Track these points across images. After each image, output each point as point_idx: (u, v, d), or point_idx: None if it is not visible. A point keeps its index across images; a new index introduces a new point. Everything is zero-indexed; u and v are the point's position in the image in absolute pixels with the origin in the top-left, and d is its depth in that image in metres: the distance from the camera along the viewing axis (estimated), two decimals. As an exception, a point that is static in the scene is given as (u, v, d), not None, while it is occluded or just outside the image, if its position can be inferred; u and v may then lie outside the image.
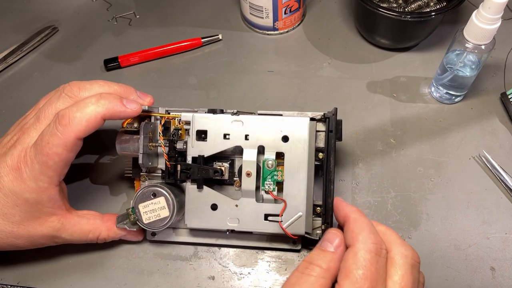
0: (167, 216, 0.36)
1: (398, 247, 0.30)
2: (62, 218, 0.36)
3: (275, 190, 0.37)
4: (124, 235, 0.39)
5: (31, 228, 0.35)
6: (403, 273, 0.29)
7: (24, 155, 0.34)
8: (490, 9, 0.38)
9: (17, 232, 0.35)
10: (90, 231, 0.37)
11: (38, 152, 0.33)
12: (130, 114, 0.36)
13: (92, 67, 0.54)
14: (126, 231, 0.39)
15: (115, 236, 0.39)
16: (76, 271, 0.39)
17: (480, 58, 0.43)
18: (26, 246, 0.36)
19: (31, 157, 0.34)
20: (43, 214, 0.35)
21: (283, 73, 0.53)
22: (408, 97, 0.49)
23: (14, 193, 0.34)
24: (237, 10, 0.59)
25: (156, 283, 0.39)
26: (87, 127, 0.34)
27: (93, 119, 0.34)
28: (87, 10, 0.60)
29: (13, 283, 0.39)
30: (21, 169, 0.34)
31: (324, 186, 0.37)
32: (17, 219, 0.35)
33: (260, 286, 0.38)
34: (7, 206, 0.34)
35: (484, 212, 0.41)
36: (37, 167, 0.34)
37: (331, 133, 0.37)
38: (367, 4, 0.47)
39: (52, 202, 0.35)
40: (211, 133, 0.38)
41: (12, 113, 0.50)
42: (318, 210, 0.38)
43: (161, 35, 0.56)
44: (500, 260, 0.39)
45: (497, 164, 0.43)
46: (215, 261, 0.40)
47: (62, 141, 0.33)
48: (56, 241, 0.37)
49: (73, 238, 0.37)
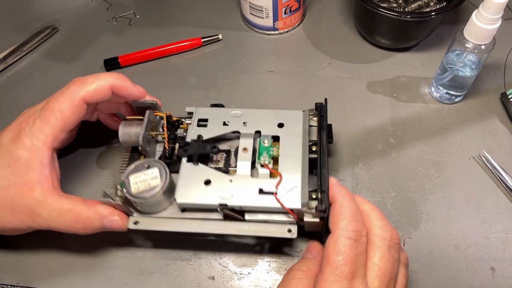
0: (157, 184, 0.35)
1: (377, 230, 0.31)
2: (46, 191, 0.35)
3: (270, 163, 0.38)
4: (106, 216, 0.36)
5: (15, 194, 0.34)
6: (382, 255, 0.30)
7: (29, 117, 0.36)
8: (490, 9, 0.38)
9: (2, 199, 0.34)
10: (69, 210, 0.35)
11: (44, 109, 0.36)
12: (136, 92, 0.39)
13: (92, 67, 0.54)
14: (109, 210, 0.36)
15: (96, 217, 0.36)
16: (76, 271, 0.39)
17: (480, 58, 0.43)
18: (4, 220, 0.35)
19: (34, 117, 0.36)
20: (29, 181, 0.35)
21: (283, 73, 0.53)
22: (408, 97, 0.49)
23: (9, 151, 0.35)
24: (237, 10, 0.59)
25: (156, 283, 0.39)
26: (96, 91, 0.36)
27: (102, 86, 0.37)
28: (87, 10, 0.60)
29: (13, 283, 0.39)
30: (21, 129, 0.36)
31: (319, 158, 0.36)
32: (5, 183, 0.34)
33: (260, 286, 0.38)
34: (0, 167, 0.35)
35: (484, 212, 0.41)
36: (37, 124, 0.35)
37: (323, 117, 0.39)
38: (367, 4, 0.47)
39: (41, 167, 0.35)
40: (212, 120, 0.40)
41: (12, 113, 0.50)
42: (314, 195, 0.36)
43: (161, 35, 0.56)
44: (500, 260, 0.39)
45: (497, 164, 0.43)
46: (215, 261, 0.40)
47: (69, 97, 0.36)
48: (35, 220, 0.35)
49: (51, 217, 0.35)
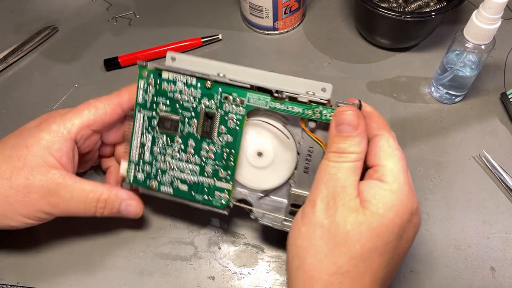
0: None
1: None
2: (65, 174, 0.35)
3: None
4: (125, 199, 0.37)
5: (30, 175, 0.34)
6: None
7: (61, 110, 0.37)
8: (490, 9, 0.38)
9: (15, 178, 0.33)
10: (91, 191, 0.36)
11: (82, 104, 0.37)
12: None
13: (92, 67, 0.54)
14: (128, 195, 0.37)
15: (116, 199, 0.37)
16: (76, 271, 0.39)
17: (480, 58, 0.43)
18: (16, 205, 0.34)
19: (67, 109, 0.37)
20: (47, 163, 0.34)
21: (283, 73, 0.52)
22: (408, 97, 0.49)
23: (31, 133, 0.35)
24: (237, 10, 0.59)
25: (156, 283, 0.39)
26: (130, 101, 0.38)
27: (133, 97, 0.38)
28: (87, 10, 0.60)
29: (13, 283, 0.39)
30: (50, 117, 0.36)
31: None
32: (20, 163, 0.34)
33: (260, 286, 0.38)
34: (18, 147, 0.34)
35: (484, 212, 0.41)
36: (69, 114, 0.36)
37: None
38: (367, 4, 0.47)
39: (60, 154, 0.35)
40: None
41: (12, 113, 0.50)
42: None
43: (161, 35, 0.56)
44: (500, 260, 0.39)
45: (497, 164, 0.43)
46: (215, 261, 0.40)
47: (107, 100, 0.37)
48: (51, 201, 0.34)
49: (73, 197, 0.35)
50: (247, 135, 0.35)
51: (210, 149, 0.36)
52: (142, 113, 0.37)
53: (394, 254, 0.28)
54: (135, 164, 0.37)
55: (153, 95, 0.36)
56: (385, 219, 0.28)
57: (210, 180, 0.36)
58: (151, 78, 0.36)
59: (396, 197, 0.28)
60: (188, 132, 0.36)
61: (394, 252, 0.28)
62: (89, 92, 0.52)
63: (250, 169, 0.36)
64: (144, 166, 0.37)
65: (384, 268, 0.28)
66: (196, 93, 0.35)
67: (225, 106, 0.35)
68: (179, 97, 0.36)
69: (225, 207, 0.36)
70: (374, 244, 0.27)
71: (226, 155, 0.35)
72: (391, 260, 0.28)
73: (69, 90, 0.52)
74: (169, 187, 0.37)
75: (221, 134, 0.35)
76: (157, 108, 0.36)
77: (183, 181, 0.37)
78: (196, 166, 0.36)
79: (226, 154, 0.35)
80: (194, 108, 0.36)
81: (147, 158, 0.37)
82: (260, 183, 0.36)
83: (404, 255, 0.30)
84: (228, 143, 0.35)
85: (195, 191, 0.36)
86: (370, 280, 0.28)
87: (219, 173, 0.36)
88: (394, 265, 0.29)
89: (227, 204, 0.36)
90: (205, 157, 0.36)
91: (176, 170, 0.37)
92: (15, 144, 0.35)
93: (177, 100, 0.36)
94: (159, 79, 0.36)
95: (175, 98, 0.36)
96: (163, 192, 0.37)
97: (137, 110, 0.37)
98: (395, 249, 0.28)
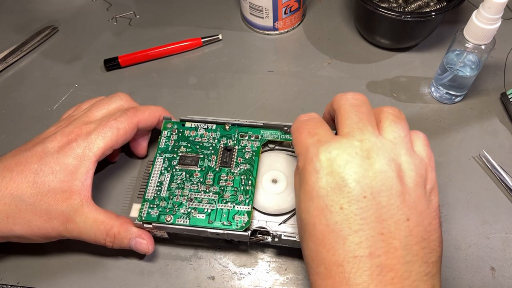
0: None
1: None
2: (84, 200, 0.36)
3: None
4: (134, 237, 0.37)
5: (53, 201, 0.35)
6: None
7: (79, 129, 0.37)
8: (490, 9, 0.38)
9: (38, 204, 0.34)
10: (103, 222, 0.36)
11: (101, 125, 0.37)
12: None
13: (92, 67, 0.54)
14: (139, 232, 0.37)
15: (125, 235, 0.37)
16: (76, 271, 0.39)
17: (480, 58, 0.43)
18: (37, 226, 0.35)
19: (88, 130, 0.37)
20: (71, 188, 0.35)
21: (283, 73, 0.53)
22: (408, 97, 0.49)
23: (56, 159, 0.35)
24: (237, 10, 0.59)
25: (156, 283, 0.39)
26: (148, 118, 0.40)
27: (153, 114, 0.41)
28: (87, 10, 0.60)
29: (13, 283, 0.39)
30: (72, 140, 0.36)
31: None
32: (45, 188, 0.35)
33: (260, 286, 0.38)
34: (42, 174, 0.35)
35: (484, 212, 0.41)
36: (93, 136, 0.36)
37: None
38: (367, 4, 0.47)
39: (85, 177, 0.36)
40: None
41: (12, 113, 0.50)
42: None
43: (161, 35, 0.56)
44: (500, 260, 0.39)
45: (497, 164, 0.43)
46: (215, 261, 0.40)
47: (127, 119, 0.38)
48: (68, 227, 0.36)
49: (86, 226, 0.36)
50: (261, 164, 0.40)
51: (229, 177, 0.38)
52: (162, 156, 0.40)
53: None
54: (149, 202, 0.38)
55: (175, 141, 0.41)
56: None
57: (229, 205, 0.37)
58: (174, 128, 0.41)
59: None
60: (207, 166, 0.39)
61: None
62: (89, 92, 0.52)
63: (268, 195, 0.38)
64: (160, 202, 0.38)
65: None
66: (215, 135, 0.41)
67: (242, 142, 0.40)
68: (199, 139, 0.41)
69: (245, 229, 0.36)
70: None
71: (244, 181, 0.38)
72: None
73: (69, 90, 0.52)
74: (186, 218, 0.37)
75: (238, 164, 0.39)
76: (178, 150, 0.40)
77: (200, 210, 0.37)
78: (215, 195, 0.37)
79: (244, 179, 0.38)
80: (213, 146, 0.40)
81: (163, 194, 0.38)
82: (280, 205, 0.38)
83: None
84: (245, 170, 0.39)
85: (213, 219, 0.36)
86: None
87: (238, 198, 0.37)
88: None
89: (248, 224, 0.36)
90: (224, 185, 0.38)
91: (194, 201, 0.37)
92: (39, 171, 0.35)
93: (198, 142, 0.41)
94: (182, 128, 0.41)
95: (196, 141, 0.41)
96: (179, 224, 0.37)
97: (158, 154, 0.40)
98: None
